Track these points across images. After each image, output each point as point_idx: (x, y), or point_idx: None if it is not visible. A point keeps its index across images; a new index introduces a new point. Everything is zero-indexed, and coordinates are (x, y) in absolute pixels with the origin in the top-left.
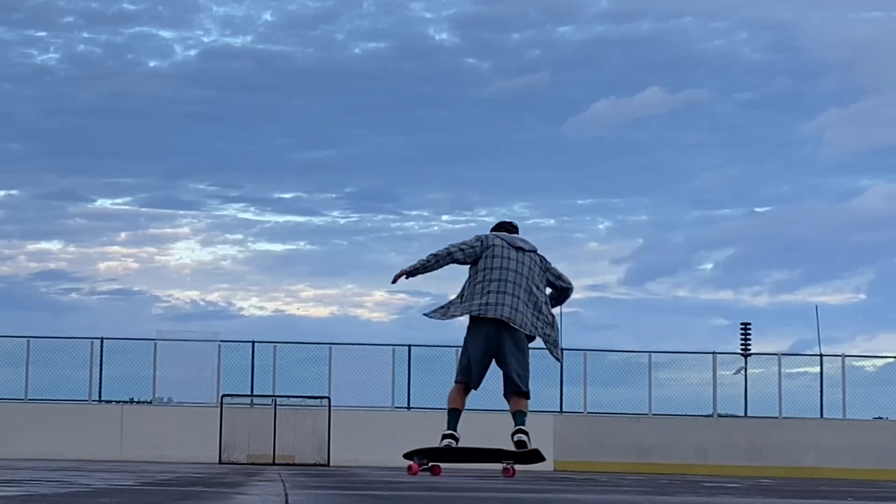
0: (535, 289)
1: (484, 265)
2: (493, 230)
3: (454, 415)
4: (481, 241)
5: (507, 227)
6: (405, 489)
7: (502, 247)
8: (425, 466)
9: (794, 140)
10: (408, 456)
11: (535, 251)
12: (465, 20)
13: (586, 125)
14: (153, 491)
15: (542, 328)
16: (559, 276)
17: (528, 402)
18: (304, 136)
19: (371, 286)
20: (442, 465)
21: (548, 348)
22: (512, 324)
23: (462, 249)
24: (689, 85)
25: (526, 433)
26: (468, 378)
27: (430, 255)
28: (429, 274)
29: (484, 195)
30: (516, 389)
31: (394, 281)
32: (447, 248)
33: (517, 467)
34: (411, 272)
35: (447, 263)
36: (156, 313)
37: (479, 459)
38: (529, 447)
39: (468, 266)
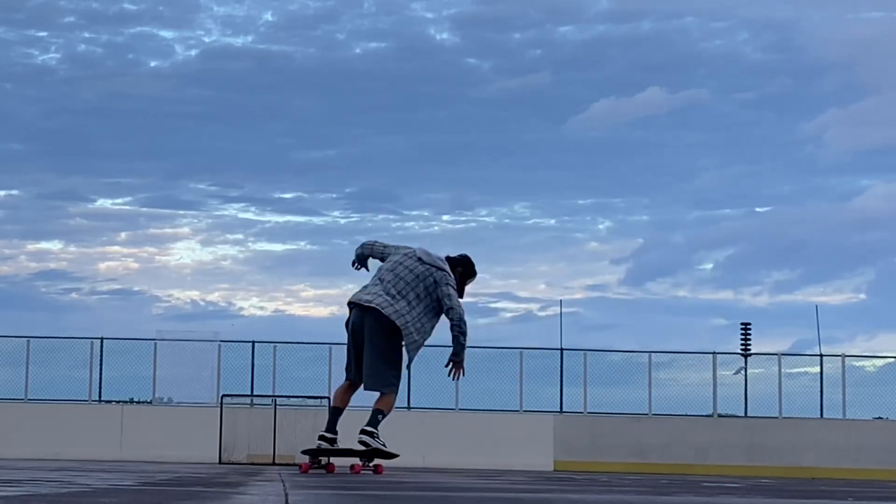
0: (418, 292)
1: (381, 265)
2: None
3: (333, 413)
4: (396, 247)
5: (463, 261)
6: (405, 489)
7: (405, 254)
8: (318, 465)
9: (794, 140)
10: (304, 452)
11: (437, 268)
12: (465, 20)
13: (586, 125)
14: (153, 491)
15: (408, 322)
16: (448, 296)
17: (389, 397)
18: (305, 136)
19: None
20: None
21: (405, 345)
22: (371, 305)
23: (373, 245)
24: (689, 85)
25: (369, 433)
26: (348, 374)
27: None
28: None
29: (484, 195)
30: (367, 386)
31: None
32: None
33: (384, 463)
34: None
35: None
36: (156, 313)
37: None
38: (374, 446)
39: None
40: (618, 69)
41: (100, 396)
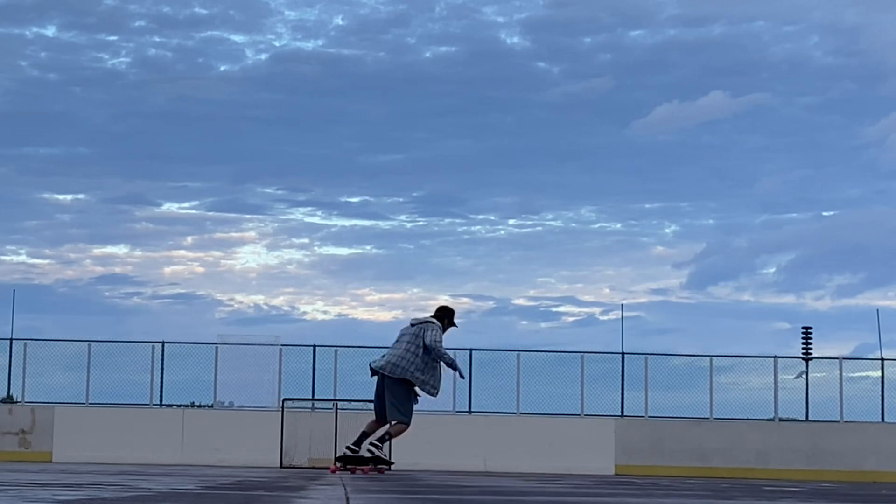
0: (410, 348)
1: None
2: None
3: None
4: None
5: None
6: (467, 493)
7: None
8: (342, 468)
9: (858, 144)
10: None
11: (420, 323)
12: (536, 24)
13: (650, 129)
14: (214, 495)
15: (414, 374)
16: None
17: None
18: (372, 139)
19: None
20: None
21: (420, 388)
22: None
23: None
24: (752, 89)
25: (373, 445)
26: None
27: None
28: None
29: (551, 199)
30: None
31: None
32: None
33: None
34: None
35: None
36: (219, 317)
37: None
38: (370, 453)
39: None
40: (681, 73)
41: (161, 400)
